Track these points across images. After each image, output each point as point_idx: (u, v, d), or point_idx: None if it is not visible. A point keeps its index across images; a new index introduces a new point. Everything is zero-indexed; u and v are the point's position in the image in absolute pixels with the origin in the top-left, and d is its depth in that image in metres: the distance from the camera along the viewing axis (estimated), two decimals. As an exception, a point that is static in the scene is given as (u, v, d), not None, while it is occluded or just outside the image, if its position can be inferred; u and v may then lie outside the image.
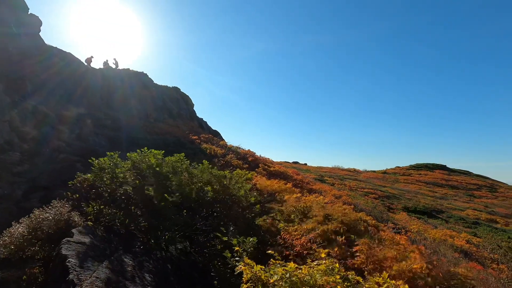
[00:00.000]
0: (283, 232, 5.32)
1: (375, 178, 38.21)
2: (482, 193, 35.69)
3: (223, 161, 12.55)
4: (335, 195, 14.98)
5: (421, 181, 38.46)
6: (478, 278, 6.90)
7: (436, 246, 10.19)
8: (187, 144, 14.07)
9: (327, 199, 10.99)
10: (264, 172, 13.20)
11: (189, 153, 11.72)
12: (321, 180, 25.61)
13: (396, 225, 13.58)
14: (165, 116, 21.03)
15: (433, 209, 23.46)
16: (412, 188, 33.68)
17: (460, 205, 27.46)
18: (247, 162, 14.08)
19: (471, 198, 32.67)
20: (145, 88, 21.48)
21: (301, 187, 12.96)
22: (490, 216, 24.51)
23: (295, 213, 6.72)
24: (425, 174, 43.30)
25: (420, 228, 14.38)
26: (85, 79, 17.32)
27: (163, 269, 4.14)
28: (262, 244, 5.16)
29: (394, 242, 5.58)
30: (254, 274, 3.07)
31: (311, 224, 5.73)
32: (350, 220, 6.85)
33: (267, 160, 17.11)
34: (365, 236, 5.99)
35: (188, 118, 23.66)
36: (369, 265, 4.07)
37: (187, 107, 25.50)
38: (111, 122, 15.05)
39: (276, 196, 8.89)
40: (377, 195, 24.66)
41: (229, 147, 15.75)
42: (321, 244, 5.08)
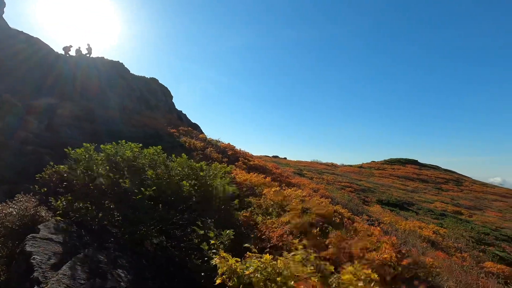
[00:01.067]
0: (261, 225, 5.37)
1: (351, 172, 39.44)
2: (449, 186, 37.92)
3: (202, 154, 12.40)
4: (313, 188, 15.31)
5: (394, 175, 40.19)
6: (443, 266, 7.36)
7: (406, 236, 10.75)
8: (165, 137, 13.75)
9: (305, 193, 11.21)
10: (243, 166, 13.21)
11: (167, 146, 11.47)
12: (300, 174, 26.06)
13: (370, 217, 14.14)
14: (142, 108, 20.38)
15: (404, 201, 24.64)
16: (386, 182, 35.12)
17: (429, 198, 29.03)
18: (226, 156, 14.01)
19: (439, 191, 34.63)
20: (122, 78, 20.67)
21: (280, 181, 13.11)
22: (456, 208, 26.14)
23: (273, 207, 6.79)
24: (398, 168, 45.27)
25: (392, 220, 15.05)
26: (56, 67, 16.38)
27: (138, 264, 4.05)
28: (240, 237, 5.18)
29: (367, 233, 5.79)
30: (230, 267, 3.08)
31: (288, 217, 5.82)
32: (326, 213, 7.03)
33: (247, 154, 17.12)
34: (340, 228, 6.18)
35: (167, 110, 23.10)
36: (342, 256, 4.21)
37: (166, 99, 24.87)
38: (85, 113, 14.37)
39: (255, 190, 8.94)
40: (353, 188, 25.49)
41: (209, 141, 15.58)
42: (297, 236, 5.18)
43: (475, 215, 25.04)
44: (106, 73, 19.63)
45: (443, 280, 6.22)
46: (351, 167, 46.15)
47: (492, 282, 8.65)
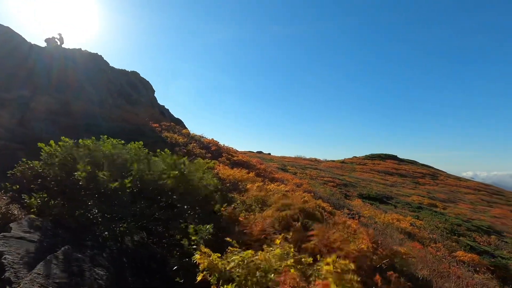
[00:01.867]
0: (243, 220, 5.40)
1: (334, 167, 40.27)
2: (426, 180, 39.55)
3: (185, 150, 12.25)
4: (296, 183, 15.52)
5: (375, 170, 41.41)
6: (418, 255, 7.71)
7: (385, 228, 11.16)
8: (147, 132, 13.46)
9: (288, 188, 11.36)
10: (227, 162, 13.18)
11: (148, 142, 11.24)
12: (283, 169, 26.31)
13: (351, 210, 14.54)
14: (122, 102, 19.80)
15: (384, 195, 25.48)
16: (367, 177, 36.14)
17: (407, 192, 30.17)
18: (210, 151, 13.92)
19: (417, 185, 36.06)
20: (100, 71, 19.94)
21: (264, 176, 13.20)
22: (431, 201, 27.34)
23: (256, 202, 6.84)
24: (378, 163, 46.67)
25: (372, 213, 15.55)
26: (29, 59, 15.57)
27: (117, 262, 3.97)
28: (222, 232, 5.19)
29: (346, 226, 5.96)
30: (211, 262, 3.09)
31: (271, 211, 5.89)
32: (308, 207, 7.17)
33: (231, 150, 17.09)
34: (321, 222, 6.32)
35: (149, 104, 22.57)
36: (322, 248, 4.32)
37: (147, 93, 24.28)
38: (60, 107, 13.78)
39: (238, 185, 8.96)
40: (335, 183, 26.06)
41: (192, 136, 15.40)
42: (279, 230, 5.26)
43: (449, 207, 26.30)
44: (84, 65, 18.86)
45: (418, 269, 6.53)
46: (333, 162, 47.11)
47: (463, 270, 9.17)
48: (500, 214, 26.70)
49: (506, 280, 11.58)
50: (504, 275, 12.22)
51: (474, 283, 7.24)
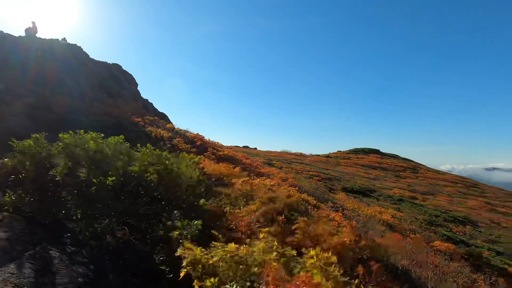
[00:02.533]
0: (229, 215, 5.39)
1: (319, 162, 40.86)
2: (407, 174, 40.87)
3: (169, 144, 12.05)
4: (282, 178, 15.64)
5: (359, 164, 42.35)
6: (398, 246, 7.98)
7: (367, 221, 11.46)
8: (129, 126, 13.12)
9: (274, 182, 11.44)
10: (212, 156, 13.09)
11: (131, 136, 10.98)
12: (269, 163, 26.44)
13: (335, 204, 14.83)
14: (103, 96, 19.19)
15: (367, 188, 26.14)
16: (351, 171, 36.92)
17: (389, 185, 31.08)
18: (195, 146, 13.77)
19: (398, 178, 37.20)
20: (80, 63, 19.21)
21: (250, 171, 13.21)
22: (412, 193, 28.31)
23: (241, 196, 6.84)
24: (362, 157, 47.74)
25: (355, 206, 15.93)
26: (3, 50, 14.78)
27: (98, 259, 3.88)
28: (207, 227, 5.16)
29: (330, 219, 6.08)
30: (194, 257, 3.06)
31: (256, 205, 5.91)
32: (293, 201, 7.24)
33: (216, 144, 16.97)
34: (305, 215, 6.41)
35: (131, 98, 22.00)
36: (306, 241, 4.38)
37: (130, 87, 23.65)
38: (37, 100, 13.19)
39: (224, 180, 8.92)
40: (320, 177, 26.47)
41: (177, 131, 15.16)
42: (264, 224, 5.29)
43: (428, 199, 27.35)
44: (62, 57, 18.09)
45: (398, 259, 6.76)
46: (318, 156, 47.77)
47: (439, 259, 9.58)
48: (475, 206, 28.05)
49: (479, 267, 12.21)
50: (477, 262, 12.89)
51: (450, 271, 7.58)
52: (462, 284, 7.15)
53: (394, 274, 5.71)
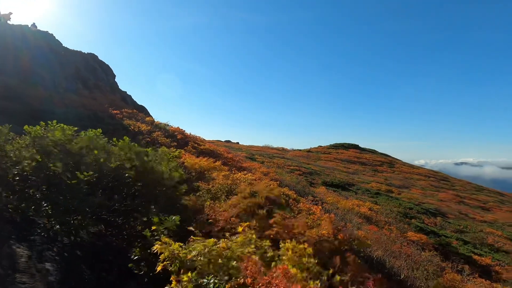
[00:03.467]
0: (208, 209, 5.36)
1: (300, 156, 41.44)
2: (384, 168, 42.35)
3: (149, 138, 11.75)
4: (263, 172, 15.72)
5: (338, 159, 43.37)
6: (374, 237, 8.29)
7: (346, 214, 11.80)
8: (106, 119, 12.65)
9: (255, 176, 11.47)
10: (193, 151, 12.91)
11: (108, 129, 10.60)
12: (251, 158, 26.49)
13: (315, 197, 15.12)
14: (79, 87, 18.34)
15: (346, 182, 26.86)
16: (331, 165, 37.76)
17: (366, 179, 32.09)
18: (175, 140, 13.51)
19: (376, 172, 38.48)
20: (52, 52, 18.19)
21: (231, 165, 13.17)
22: (388, 187, 29.41)
23: (222, 190, 6.81)
24: (342, 152, 48.89)
25: (334, 200, 16.33)
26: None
27: (70, 256, 3.74)
28: (186, 222, 5.10)
29: (309, 212, 6.18)
30: (172, 252, 3.02)
31: (237, 200, 5.91)
32: (274, 195, 7.30)
33: (198, 138, 16.75)
34: (285, 209, 6.49)
35: (108, 90, 21.18)
36: (285, 234, 4.45)
37: (107, 78, 22.74)
38: (6, 90, 12.39)
39: (204, 174, 8.83)
40: (301, 171, 26.88)
41: (156, 124, 14.80)
42: (244, 219, 5.30)
43: (403, 192, 28.53)
44: (34, 44, 17.03)
45: (373, 250, 7.03)
46: (300, 151, 48.42)
47: (412, 249, 10.06)
48: (446, 198, 29.61)
49: (448, 256, 12.96)
50: (446, 251, 13.66)
51: (421, 260, 7.98)
52: (432, 272, 7.55)
53: (369, 264, 5.93)
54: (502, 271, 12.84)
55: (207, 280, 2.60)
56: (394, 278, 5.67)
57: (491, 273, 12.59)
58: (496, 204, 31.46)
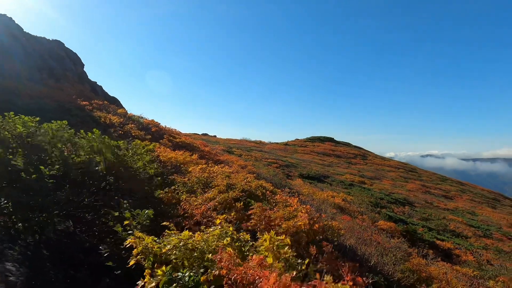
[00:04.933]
0: (184, 203, 5.27)
1: (278, 149, 41.89)
2: (357, 160, 43.95)
3: (121, 131, 11.28)
4: (241, 165, 15.72)
5: (315, 152, 44.37)
6: (347, 227, 8.60)
7: (321, 204, 12.12)
8: (74, 110, 11.95)
9: (233, 169, 11.44)
10: (169, 144, 12.59)
11: (76, 122, 10.06)
12: (229, 151, 26.38)
13: (292, 189, 15.38)
14: (43, 76, 17.15)
15: (321, 175, 27.58)
16: (307, 158, 38.56)
17: (341, 171, 33.16)
18: (150, 133, 13.09)
19: (349, 165, 39.85)
20: (11, 37, 16.80)
21: (208, 159, 13.03)
22: (361, 178, 30.59)
23: (198, 184, 6.72)
24: (318, 145, 50.06)
25: (310, 191, 16.71)
26: None
27: (35, 255, 3.53)
28: (161, 216, 4.99)
29: (286, 204, 6.28)
30: (145, 246, 2.94)
31: (213, 193, 5.86)
32: (251, 188, 7.32)
33: (173, 131, 16.34)
34: (262, 201, 6.54)
35: (77, 80, 20.01)
36: (262, 226, 4.48)
37: (75, 67, 21.45)
38: (-44, 78, 11.29)
39: (180, 168, 8.67)
40: (278, 164, 27.20)
41: (129, 116, 14.23)
42: (221, 212, 5.28)
43: (375, 183, 29.83)
44: (-12, 28, 15.61)
45: (346, 239, 7.30)
46: (277, 144, 48.93)
47: (382, 236, 10.58)
48: (413, 188, 31.38)
49: (414, 242, 13.80)
50: (413, 238, 14.54)
51: (390, 247, 8.42)
52: (400, 257, 8.00)
53: (342, 252, 6.16)
54: (461, 254, 13.91)
55: (182, 273, 2.56)
56: (365, 265, 5.94)
57: (452, 256, 13.60)
58: (458, 193, 33.85)
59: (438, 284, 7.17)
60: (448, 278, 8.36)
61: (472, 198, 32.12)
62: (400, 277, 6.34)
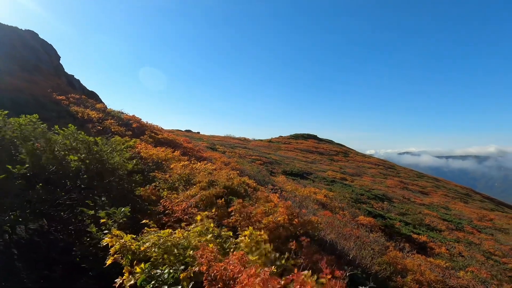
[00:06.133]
0: (164, 200, 5.19)
1: (262, 146, 42.04)
2: (339, 157, 44.90)
3: (100, 126, 10.92)
4: (224, 162, 15.66)
5: (298, 149, 44.89)
6: (327, 222, 8.80)
7: (303, 201, 12.32)
8: (49, 105, 11.43)
9: (216, 166, 11.38)
10: (150, 140, 12.33)
11: (51, 116, 9.64)
12: (212, 148, 26.19)
13: (275, 186, 15.53)
14: (15, 68, 16.26)
15: (304, 171, 27.98)
16: (291, 155, 38.95)
17: (323, 168, 33.77)
18: (131, 129, 12.75)
19: (332, 162, 40.64)
20: (-21, 26, 15.79)
21: (191, 155, 12.88)
22: (343, 175, 31.29)
23: (180, 181, 6.64)
24: (301, 142, 50.67)
25: (293, 188, 16.92)
26: None
27: (5, 256, 3.38)
28: (141, 213, 4.90)
29: (268, 200, 6.33)
30: (123, 244, 2.89)
31: (195, 190, 5.81)
32: (233, 184, 7.32)
33: (155, 127, 16.02)
34: (245, 198, 6.56)
35: (52, 73, 19.13)
36: (242, 222, 4.50)
37: (50, 60, 20.49)
38: None
39: (162, 165, 8.52)
40: (262, 161, 27.31)
41: (109, 111, 13.79)
42: (203, 208, 5.25)
43: (356, 180, 30.61)
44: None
45: (327, 234, 7.47)
46: (261, 141, 49.09)
47: (362, 231, 10.90)
48: (392, 184, 32.49)
49: (392, 236, 14.32)
50: (391, 232, 15.09)
51: (369, 241, 8.70)
52: (378, 251, 8.29)
53: (323, 246, 6.30)
54: (435, 247, 14.60)
55: (161, 270, 2.53)
56: (344, 258, 6.11)
57: (427, 249, 14.24)
58: (433, 188, 35.40)
59: (413, 276, 7.49)
60: (422, 270, 8.76)
61: (446, 194, 33.69)
62: (377, 270, 6.58)
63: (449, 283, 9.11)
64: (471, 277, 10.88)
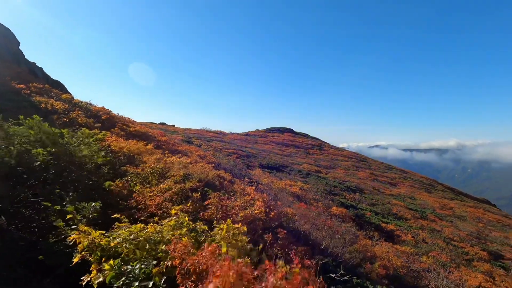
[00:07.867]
0: (137, 194, 5.03)
1: (238, 140, 41.94)
2: (314, 151, 45.97)
3: (65, 118, 10.29)
4: (200, 155, 15.45)
5: (274, 142, 45.34)
6: (302, 213, 9.02)
7: (279, 193, 12.51)
8: (8, 94, 10.56)
9: (191, 159, 11.20)
10: (122, 133, 11.84)
11: (10, 107, 8.94)
12: (188, 141, 25.73)
13: (251, 179, 15.60)
14: (-33, 53, 14.80)
15: (280, 164, 28.36)
16: (267, 148, 39.27)
17: (299, 161, 34.44)
18: (100, 121, 12.15)
19: (307, 155, 41.53)
20: None
21: (165, 149, 12.56)
22: (318, 168, 32.13)
23: (153, 174, 6.46)
24: (278, 136, 51.21)
25: (269, 181, 17.11)
26: None
27: (-42, 256, 3.11)
28: (111, 209, 4.72)
29: (244, 193, 6.35)
30: (92, 241, 2.77)
31: (169, 183, 5.69)
32: (208, 178, 7.26)
33: (127, 120, 15.39)
34: (220, 191, 6.53)
35: (11, 60, 17.66)
36: (219, 215, 4.49)
37: (9, 46, 18.88)
38: None
39: (134, 158, 8.23)
40: (239, 154, 27.28)
41: (76, 102, 13.01)
42: (177, 202, 5.16)
43: (330, 172, 31.58)
44: None
45: (301, 225, 7.67)
46: (238, 135, 48.96)
47: (334, 221, 11.31)
48: (363, 176, 33.90)
49: (362, 225, 15.01)
50: (361, 221, 15.80)
51: (340, 231, 9.06)
52: (349, 240, 8.66)
53: (297, 237, 6.46)
54: (402, 235, 15.53)
55: (132, 266, 2.46)
56: (317, 248, 6.33)
57: (394, 237, 15.10)
58: (401, 180, 37.42)
59: (380, 262, 7.92)
60: (390, 256, 9.29)
61: (412, 185, 35.77)
62: (347, 258, 6.87)
63: (413, 268, 9.76)
64: (432, 261, 11.72)
